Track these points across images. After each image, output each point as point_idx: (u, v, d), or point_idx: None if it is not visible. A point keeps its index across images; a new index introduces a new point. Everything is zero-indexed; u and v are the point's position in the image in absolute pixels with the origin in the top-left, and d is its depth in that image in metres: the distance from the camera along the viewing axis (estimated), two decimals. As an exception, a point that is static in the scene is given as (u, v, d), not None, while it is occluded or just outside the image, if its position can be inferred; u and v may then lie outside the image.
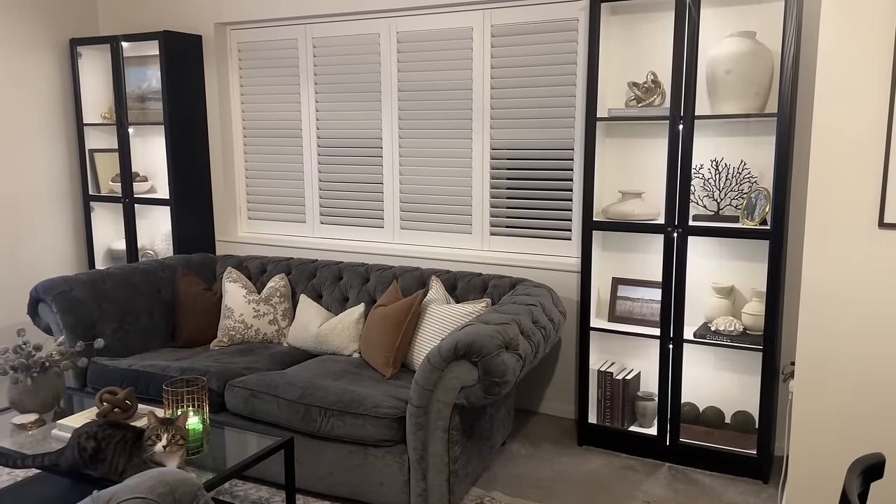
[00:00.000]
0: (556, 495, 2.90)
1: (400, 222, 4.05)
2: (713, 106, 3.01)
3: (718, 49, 2.93)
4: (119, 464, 2.09)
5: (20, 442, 2.40)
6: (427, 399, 2.58)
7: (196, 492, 1.40)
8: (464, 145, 3.80)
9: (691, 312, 3.26)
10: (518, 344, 2.62)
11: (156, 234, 4.74)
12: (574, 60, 3.48)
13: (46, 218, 4.49)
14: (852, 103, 2.37)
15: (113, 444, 2.11)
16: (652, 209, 3.17)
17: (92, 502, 1.30)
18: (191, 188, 4.39)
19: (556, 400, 3.72)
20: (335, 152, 4.18)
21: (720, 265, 3.21)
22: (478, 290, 3.38)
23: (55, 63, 4.46)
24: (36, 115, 4.39)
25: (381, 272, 3.64)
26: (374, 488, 2.72)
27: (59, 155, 4.53)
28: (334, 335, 3.44)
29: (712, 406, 3.20)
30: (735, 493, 2.90)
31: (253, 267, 3.96)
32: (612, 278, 3.38)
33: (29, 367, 2.53)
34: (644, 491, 2.93)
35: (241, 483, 2.98)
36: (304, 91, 4.18)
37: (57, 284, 3.36)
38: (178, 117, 4.27)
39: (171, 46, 4.18)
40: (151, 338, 3.64)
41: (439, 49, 3.78)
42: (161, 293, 3.76)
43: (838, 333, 2.48)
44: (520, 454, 3.27)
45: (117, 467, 2.09)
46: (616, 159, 3.39)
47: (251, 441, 2.41)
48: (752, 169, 3.10)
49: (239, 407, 2.91)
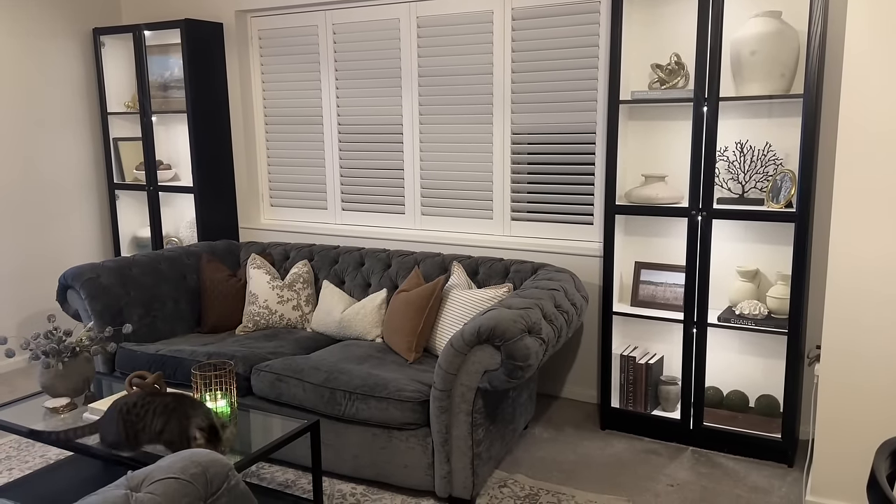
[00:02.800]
0: (579, 478, 2.91)
1: (421, 208, 4.06)
2: (738, 87, 2.97)
3: (743, 29, 2.89)
4: (157, 424, 2.13)
5: (53, 425, 2.46)
6: (450, 383, 2.59)
7: (227, 472, 1.43)
8: (485, 130, 3.79)
9: (715, 296, 3.24)
10: (541, 328, 2.62)
11: (180, 221, 4.79)
12: (596, 43, 3.45)
13: (73, 206, 4.55)
14: (881, 84, 2.33)
15: (152, 408, 2.15)
16: (675, 192, 3.14)
17: (126, 482, 1.33)
18: (214, 176, 4.43)
19: (578, 384, 3.72)
20: (356, 138, 4.19)
21: (745, 248, 3.18)
22: (499, 276, 3.39)
23: (78, 52, 4.51)
24: (60, 104, 4.44)
25: (402, 258, 3.66)
26: (398, 471, 2.75)
27: (83, 144, 4.59)
28: (357, 320, 3.46)
29: (736, 390, 3.18)
30: (759, 477, 2.90)
31: (276, 253, 3.99)
32: (635, 262, 3.37)
33: (60, 352, 2.58)
34: (667, 474, 2.93)
35: (267, 466, 3.02)
36: (325, 77, 4.19)
37: (85, 271, 3.41)
38: (201, 105, 4.30)
39: (193, 34, 4.21)
40: (177, 323, 3.69)
41: (460, 34, 3.77)
42: (186, 280, 3.80)
43: (865, 317, 2.46)
44: (542, 438, 3.28)
45: (155, 427, 2.13)
46: (639, 142, 3.36)
47: (277, 424, 2.44)
48: (778, 151, 3.06)
49: (265, 391, 2.95)
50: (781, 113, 3.04)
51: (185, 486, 1.34)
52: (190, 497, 1.33)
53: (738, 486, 2.83)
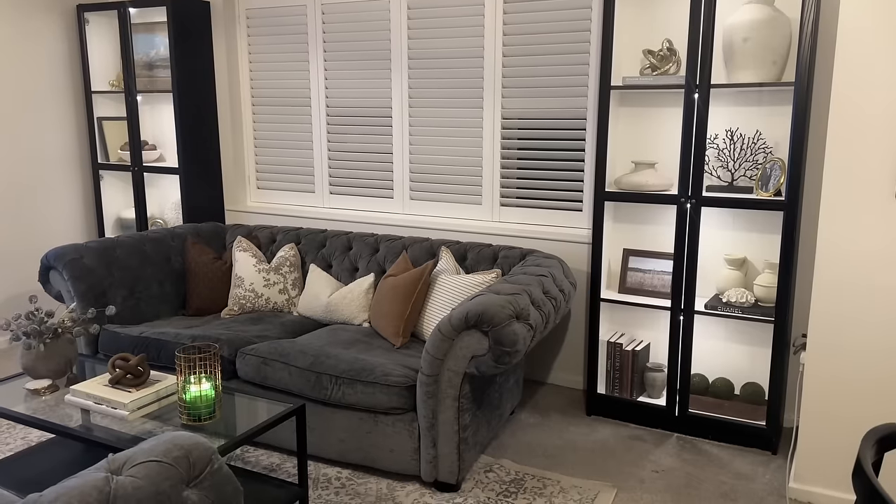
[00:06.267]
0: (564, 464, 2.92)
1: (410, 192, 4.03)
2: (729, 74, 2.96)
3: (736, 16, 2.87)
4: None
5: (34, 407, 2.43)
6: (438, 368, 2.58)
7: (211, 456, 1.41)
8: (475, 114, 3.76)
9: (703, 284, 3.24)
10: (529, 314, 2.61)
11: (165, 202, 4.74)
12: (588, 27, 3.42)
13: (56, 186, 4.49)
14: (872, 73, 2.33)
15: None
16: (665, 180, 3.13)
17: (107, 465, 1.31)
18: (200, 157, 4.37)
19: (565, 370, 3.73)
20: (345, 121, 4.14)
21: (733, 236, 3.18)
22: (488, 261, 3.37)
23: (62, 30, 4.42)
24: (43, 82, 4.36)
25: (390, 242, 3.63)
26: (384, 455, 2.74)
27: (67, 123, 4.51)
28: (344, 305, 3.44)
29: (722, 377, 3.20)
30: (743, 464, 2.91)
31: (262, 236, 3.96)
32: (624, 249, 3.36)
33: (41, 333, 2.54)
34: (652, 460, 2.94)
35: (252, 449, 3.01)
36: (314, 59, 4.14)
37: (67, 252, 3.36)
38: (187, 85, 4.24)
39: (179, 13, 4.14)
40: (162, 306, 3.66)
41: (450, 16, 3.73)
42: (171, 262, 3.76)
43: (851, 306, 2.47)
44: (528, 423, 3.29)
45: None
46: (629, 129, 3.35)
47: (263, 408, 2.42)
48: (768, 139, 3.06)
49: (250, 374, 2.93)
50: (772, 101, 3.04)
51: (167, 468, 1.32)
52: (172, 480, 1.31)
53: (722, 473, 2.85)
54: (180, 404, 2.28)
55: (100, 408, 2.37)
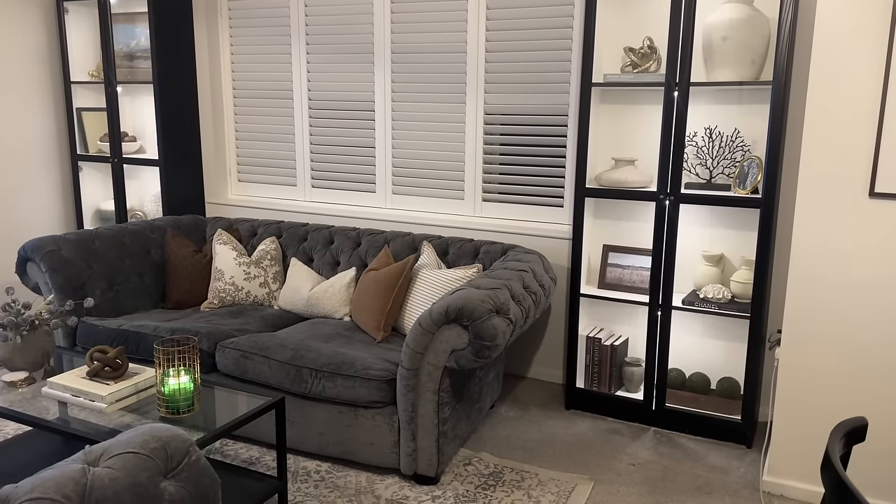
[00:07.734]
0: (543, 457, 2.95)
1: (392, 187, 4.03)
2: (708, 73, 2.99)
3: (716, 15, 2.90)
4: None
5: (10, 399, 2.41)
6: (418, 362, 2.59)
7: (188, 447, 1.41)
8: (457, 110, 3.77)
9: (680, 280, 3.28)
10: (509, 309, 2.63)
11: (145, 194, 4.70)
12: (570, 24, 3.44)
13: (34, 177, 4.43)
14: (848, 73, 2.37)
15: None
16: (644, 177, 3.16)
17: (84, 456, 1.31)
18: (180, 149, 4.34)
19: (544, 365, 3.76)
20: (327, 115, 4.13)
21: (711, 233, 3.22)
22: (469, 256, 3.39)
23: (41, 19, 4.37)
24: (21, 72, 4.30)
25: (372, 237, 3.63)
26: (364, 448, 2.75)
27: (45, 113, 4.46)
28: (325, 298, 3.44)
29: (698, 372, 3.24)
30: (718, 457, 2.96)
31: (243, 229, 3.94)
32: (603, 245, 3.39)
33: (18, 325, 2.52)
34: (629, 454, 2.98)
35: (231, 443, 3.00)
36: (296, 52, 4.12)
37: (45, 243, 3.33)
38: (167, 76, 4.20)
39: (160, 3, 4.10)
40: (141, 299, 3.63)
41: (433, 10, 3.73)
42: (151, 254, 3.74)
43: (825, 303, 2.51)
44: (508, 417, 3.31)
45: None
46: (610, 126, 3.37)
47: (242, 401, 2.42)
48: (746, 137, 3.09)
49: (230, 368, 2.92)
50: (751, 100, 3.08)
51: (144, 460, 1.32)
52: (150, 472, 1.31)
53: (697, 466, 2.89)
54: (159, 397, 2.28)
55: (77, 400, 2.35)
